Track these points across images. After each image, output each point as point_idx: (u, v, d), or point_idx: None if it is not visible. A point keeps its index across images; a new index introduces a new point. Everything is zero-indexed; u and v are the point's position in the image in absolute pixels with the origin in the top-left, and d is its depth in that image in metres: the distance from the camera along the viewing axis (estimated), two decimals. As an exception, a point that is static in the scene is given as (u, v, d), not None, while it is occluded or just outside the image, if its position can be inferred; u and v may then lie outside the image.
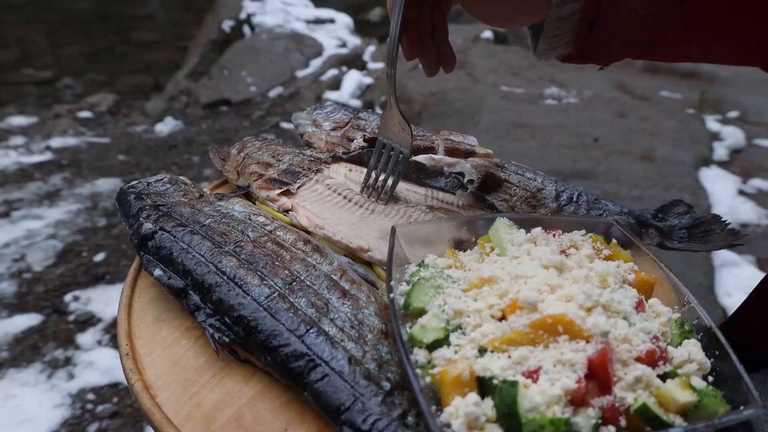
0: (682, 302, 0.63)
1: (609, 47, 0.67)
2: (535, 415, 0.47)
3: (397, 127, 0.81)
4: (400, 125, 0.80)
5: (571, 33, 0.66)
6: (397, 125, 0.80)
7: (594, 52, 0.67)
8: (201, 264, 0.67)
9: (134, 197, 0.79)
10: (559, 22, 0.65)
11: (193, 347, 0.65)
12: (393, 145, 0.82)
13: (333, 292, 0.65)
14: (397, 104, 0.79)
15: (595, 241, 0.67)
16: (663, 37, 0.65)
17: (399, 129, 0.81)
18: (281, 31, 4.84)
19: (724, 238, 0.88)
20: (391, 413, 0.54)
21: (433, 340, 0.54)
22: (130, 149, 3.54)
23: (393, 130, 0.81)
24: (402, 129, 0.80)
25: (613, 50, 0.67)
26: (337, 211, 0.82)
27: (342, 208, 0.83)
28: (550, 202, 0.88)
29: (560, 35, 0.66)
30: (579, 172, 2.77)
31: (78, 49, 5.63)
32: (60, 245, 2.56)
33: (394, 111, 0.80)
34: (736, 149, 3.06)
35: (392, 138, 0.82)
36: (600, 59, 0.69)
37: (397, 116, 0.80)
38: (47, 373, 1.91)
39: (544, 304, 0.54)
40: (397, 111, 0.79)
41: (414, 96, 3.54)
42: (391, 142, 0.83)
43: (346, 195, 0.85)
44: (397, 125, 0.81)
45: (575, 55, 0.68)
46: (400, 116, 0.79)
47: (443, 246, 0.70)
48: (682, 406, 0.50)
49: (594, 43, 0.65)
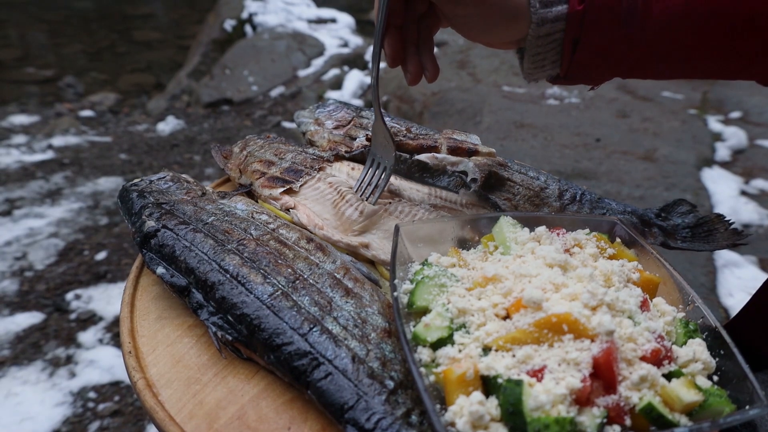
0: (687, 301, 0.62)
1: (596, 67, 0.68)
2: (540, 414, 0.46)
3: (381, 138, 0.82)
4: (384, 138, 0.81)
5: (555, 53, 0.67)
6: (382, 137, 0.81)
7: (581, 73, 0.69)
8: (204, 262, 0.67)
9: (137, 195, 0.79)
10: (539, 41, 0.66)
11: (196, 345, 0.65)
12: (378, 160, 0.84)
13: (336, 291, 0.65)
14: (382, 116, 0.80)
15: (599, 240, 0.67)
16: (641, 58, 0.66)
17: (384, 140, 0.81)
18: (283, 31, 4.84)
19: (728, 237, 0.88)
20: (394, 412, 0.53)
21: (437, 338, 0.54)
22: (132, 148, 3.55)
23: (379, 141, 0.83)
24: (386, 141, 0.81)
25: (601, 70, 0.69)
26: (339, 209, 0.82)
27: (344, 206, 0.83)
28: (553, 201, 0.88)
29: (542, 54, 0.68)
30: (581, 172, 2.77)
31: (80, 48, 5.64)
32: (61, 244, 2.56)
33: (379, 123, 0.80)
34: (738, 150, 3.05)
35: (377, 150, 0.83)
36: (588, 79, 0.71)
37: (382, 128, 0.80)
38: (49, 371, 1.91)
39: (549, 303, 0.54)
40: (381, 123, 0.80)
41: (415, 96, 3.54)
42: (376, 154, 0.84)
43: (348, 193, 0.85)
44: (381, 137, 0.82)
45: (563, 77, 0.70)
46: (384, 128, 0.80)
47: (447, 244, 0.70)
48: (688, 405, 0.50)
49: (580, 63, 0.67)
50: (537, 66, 0.69)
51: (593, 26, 0.64)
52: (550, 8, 0.64)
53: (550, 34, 0.65)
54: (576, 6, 0.63)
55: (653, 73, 0.70)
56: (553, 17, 0.64)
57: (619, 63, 0.67)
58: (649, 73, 0.70)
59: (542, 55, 0.68)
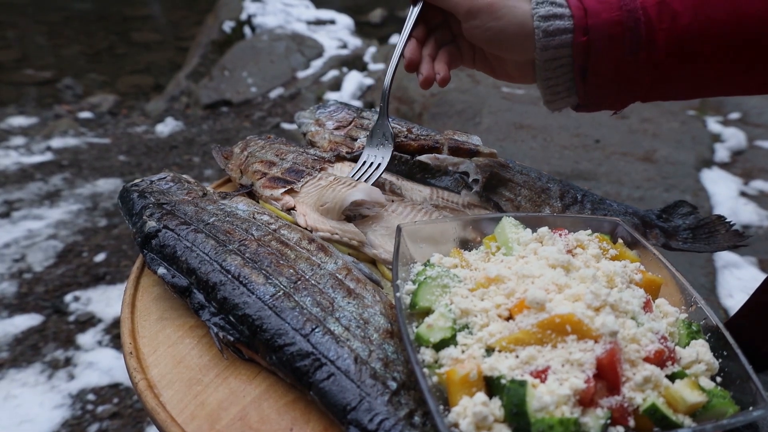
0: (689, 302, 0.62)
1: (611, 94, 0.70)
2: (543, 414, 0.46)
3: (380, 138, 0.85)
4: (384, 137, 0.84)
5: (567, 79, 0.70)
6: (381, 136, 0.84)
7: (598, 100, 0.71)
8: (205, 262, 0.66)
9: (137, 195, 0.79)
10: (546, 65, 0.68)
11: (197, 346, 0.65)
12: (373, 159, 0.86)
13: (338, 291, 0.65)
14: (388, 116, 0.85)
15: (601, 241, 0.67)
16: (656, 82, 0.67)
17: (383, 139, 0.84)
18: (282, 32, 4.84)
19: (729, 239, 0.88)
20: (397, 413, 0.53)
21: (440, 339, 0.54)
22: (131, 150, 3.54)
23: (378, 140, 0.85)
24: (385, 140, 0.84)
25: (616, 96, 0.71)
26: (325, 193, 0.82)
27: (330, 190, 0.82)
28: (554, 201, 0.88)
29: (554, 80, 0.70)
30: (580, 173, 2.77)
31: (79, 49, 5.64)
32: (60, 245, 2.56)
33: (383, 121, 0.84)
34: (737, 151, 3.06)
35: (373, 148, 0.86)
36: (608, 105, 0.72)
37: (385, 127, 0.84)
38: (47, 373, 1.91)
39: (552, 304, 0.53)
40: (386, 121, 0.84)
41: (415, 97, 3.54)
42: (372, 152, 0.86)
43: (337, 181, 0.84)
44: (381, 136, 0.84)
45: (583, 105, 0.72)
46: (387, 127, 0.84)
47: (449, 245, 0.70)
48: (692, 406, 0.49)
49: (593, 90, 0.69)
50: (553, 93, 0.71)
51: (599, 55, 0.65)
52: (552, 38, 0.66)
53: (557, 59, 0.67)
54: (580, 37, 0.65)
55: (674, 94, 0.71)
56: (556, 44, 0.66)
57: (633, 88, 0.68)
58: (670, 95, 0.71)
59: (554, 80, 0.70)
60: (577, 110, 0.74)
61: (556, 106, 0.74)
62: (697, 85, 0.68)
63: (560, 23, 0.65)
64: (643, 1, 0.64)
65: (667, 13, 0.63)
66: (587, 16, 0.65)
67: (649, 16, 0.63)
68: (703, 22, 0.62)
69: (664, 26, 0.63)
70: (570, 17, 0.65)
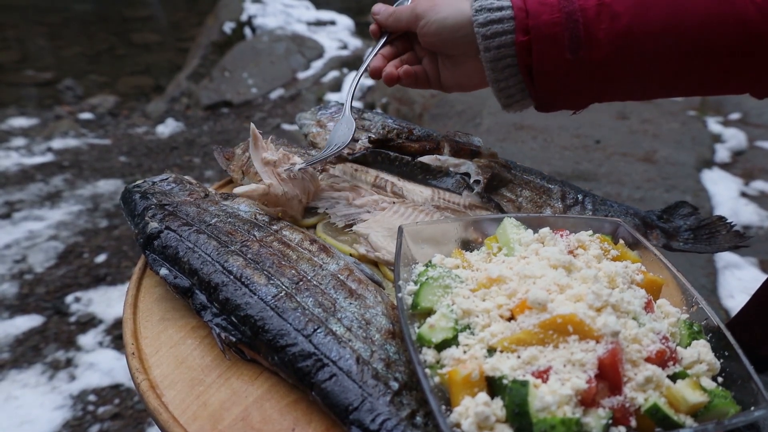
0: (690, 303, 0.62)
1: (562, 94, 0.71)
2: (545, 415, 0.46)
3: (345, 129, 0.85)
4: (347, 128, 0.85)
5: (516, 80, 0.71)
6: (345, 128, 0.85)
7: (550, 99, 0.71)
8: (207, 263, 0.67)
9: (139, 196, 0.79)
10: (492, 65, 0.70)
11: (200, 346, 0.65)
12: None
13: (340, 292, 0.65)
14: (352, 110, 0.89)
15: (602, 242, 0.67)
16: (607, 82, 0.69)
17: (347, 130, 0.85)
18: (282, 33, 4.85)
19: (730, 239, 0.88)
20: (399, 413, 0.53)
21: (441, 339, 0.54)
22: (131, 151, 3.55)
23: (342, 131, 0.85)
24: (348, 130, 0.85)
25: (570, 96, 0.72)
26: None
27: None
28: (555, 202, 0.88)
29: (504, 82, 0.71)
30: (581, 174, 2.77)
31: (79, 50, 5.65)
32: (61, 246, 2.56)
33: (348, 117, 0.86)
34: (737, 151, 3.06)
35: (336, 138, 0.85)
36: (561, 105, 0.73)
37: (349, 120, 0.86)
38: (48, 374, 1.91)
39: (554, 304, 0.54)
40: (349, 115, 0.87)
41: (415, 98, 3.54)
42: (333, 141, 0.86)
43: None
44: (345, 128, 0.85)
45: (538, 105, 0.74)
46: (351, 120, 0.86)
47: (450, 246, 0.70)
48: (693, 406, 0.50)
49: (543, 90, 0.69)
50: (507, 96, 0.73)
51: (541, 53, 0.67)
52: (492, 39, 0.68)
53: (500, 60, 0.69)
54: (521, 37, 0.67)
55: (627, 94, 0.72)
56: (496, 45, 0.68)
57: (581, 87, 0.69)
58: (623, 94, 0.72)
59: (504, 83, 0.72)
60: (539, 110, 0.75)
61: (513, 109, 0.76)
62: (646, 85, 0.69)
63: (498, 27, 0.68)
64: (583, 3, 0.65)
65: (607, 14, 0.64)
66: (528, 17, 0.66)
67: (588, 17, 0.64)
68: (643, 23, 0.63)
69: (603, 26, 0.64)
70: (511, 18, 0.67)
